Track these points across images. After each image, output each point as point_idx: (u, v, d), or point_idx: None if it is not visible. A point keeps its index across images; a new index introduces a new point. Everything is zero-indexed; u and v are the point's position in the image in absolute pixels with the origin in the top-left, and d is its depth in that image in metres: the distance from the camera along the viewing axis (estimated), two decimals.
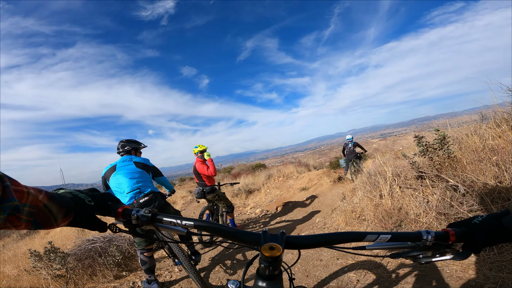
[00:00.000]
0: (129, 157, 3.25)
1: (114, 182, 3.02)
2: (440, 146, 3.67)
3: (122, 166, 3.11)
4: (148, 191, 3.01)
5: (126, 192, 2.92)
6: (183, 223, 0.78)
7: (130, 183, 2.97)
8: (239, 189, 10.69)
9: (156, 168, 3.43)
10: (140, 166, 3.19)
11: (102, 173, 3.19)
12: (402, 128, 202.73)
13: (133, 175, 3.04)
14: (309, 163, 15.85)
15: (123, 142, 3.41)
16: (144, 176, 3.14)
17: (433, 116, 73.37)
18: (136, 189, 2.96)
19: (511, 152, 2.62)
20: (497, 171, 2.50)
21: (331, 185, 8.25)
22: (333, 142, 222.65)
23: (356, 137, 77.60)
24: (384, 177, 4.52)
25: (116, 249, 4.24)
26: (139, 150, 3.57)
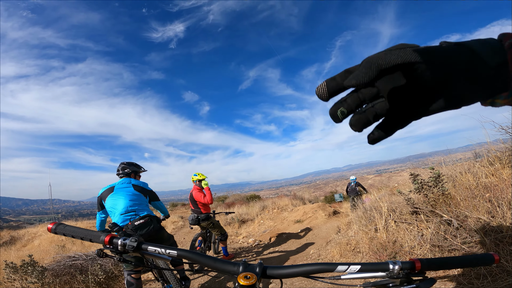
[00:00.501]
0: (128, 179, 3.29)
1: (110, 202, 3.04)
2: (434, 183, 3.78)
3: (121, 188, 3.14)
4: (144, 214, 3.03)
5: (121, 214, 2.94)
6: (167, 251, 0.84)
7: (126, 204, 2.99)
8: (232, 218, 10.57)
9: (154, 192, 3.47)
10: (138, 190, 3.22)
11: (99, 193, 3.20)
12: (398, 164, 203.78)
13: (130, 197, 3.06)
14: (304, 197, 15.77)
15: (123, 165, 3.46)
16: (141, 199, 3.17)
17: (428, 153, 74.34)
18: (131, 211, 2.98)
19: (504, 189, 2.68)
20: (489, 207, 2.54)
21: (326, 218, 8.11)
22: (328, 177, 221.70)
23: (352, 173, 78.05)
24: (380, 212, 4.57)
25: (100, 268, 4.04)
26: (139, 173, 3.61)
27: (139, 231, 2.91)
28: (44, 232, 11.99)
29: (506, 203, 2.38)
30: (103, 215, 3.27)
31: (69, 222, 13.90)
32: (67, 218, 21.92)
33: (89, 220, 14.83)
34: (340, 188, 52.16)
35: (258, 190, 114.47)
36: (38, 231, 12.60)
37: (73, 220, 14.80)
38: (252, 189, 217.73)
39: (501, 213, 2.30)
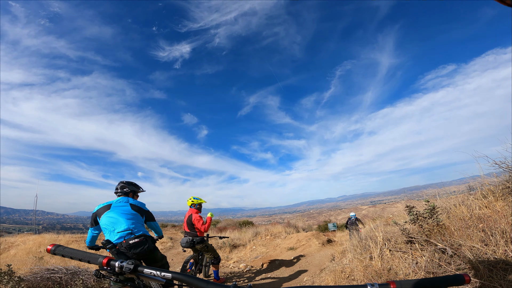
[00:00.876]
0: (126, 198, 3.32)
1: (106, 220, 3.03)
2: (429, 215, 3.87)
3: (118, 206, 3.16)
4: (140, 234, 3.01)
5: (117, 231, 2.92)
6: (162, 274, 0.90)
7: (123, 223, 2.98)
8: (224, 242, 10.35)
9: (151, 213, 3.49)
10: (135, 209, 3.23)
11: (95, 209, 3.20)
12: (392, 196, 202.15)
13: (127, 216, 3.07)
14: (298, 225, 15.55)
15: (123, 184, 3.50)
16: (137, 219, 3.17)
17: (423, 186, 74.74)
18: (128, 230, 2.96)
19: (498, 220, 2.72)
20: (483, 236, 2.56)
21: (320, 246, 7.91)
22: (322, 206, 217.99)
23: (346, 203, 76.89)
24: (375, 241, 4.58)
25: (82, 284, 3.84)
26: (137, 193, 3.65)
27: (133, 250, 2.87)
28: (22, 242, 11.49)
29: (499, 232, 2.40)
30: (95, 231, 3.27)
31: (50, 234, 13.50)
32: (48, 230, 21.07)
33: (72, 234, 14.31)
34: (334, 217, 51.23)
35: (251, 217, 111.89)
36: (16, 241, 12.03)
37: (54, 233, 14.30)
38: (244, 215, 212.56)
39: (494, 241, 2.31)
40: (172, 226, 19.96)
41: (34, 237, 12.97)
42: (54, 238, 12.77)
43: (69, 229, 40.97)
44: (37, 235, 13.82)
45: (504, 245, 2.19)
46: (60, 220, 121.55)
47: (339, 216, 55.73)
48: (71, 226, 60.71)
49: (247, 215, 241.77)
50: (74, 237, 13.23)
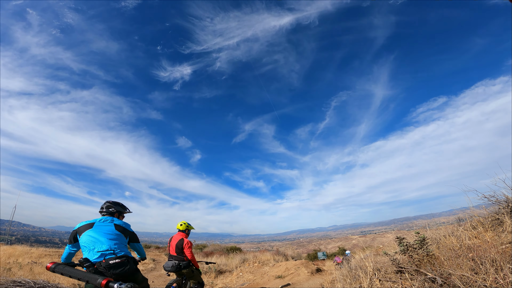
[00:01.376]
0: (111, 218, 3.25)
1: (86, 238, 2.94)
2: (419, 246, 3.88)
3: (101, 225, 3.08)
4: (122, 254, 2.92)
5: (98, 251, 2.82)
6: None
7: (104, 242, 2.90)
8: (209, 267, 9.95)
9: (135, 234, 3.42)
10: (120, 229, 3.16)
11: (76, 226, 3.11)
12: (382, 226, 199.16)
13: (110, 236, 2.99)
14: (287, 253, 15.12)
15: (109, 203, 3.45)
16: (120, 239, 3.09)
17: (413, 217, 74.57)
18: (109, 250, 2.87)
19: (487, 249, 2.71)
20: (473, 265, 2.53)
21: (309, 275, 7.61)
22: (312, 235, 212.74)
23: (336, 233, 75.21)
24: (365, 271, 4.54)
25: None
26: (123, 214, 3.59)
27: (113, 270, 2.75)
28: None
29: (489, 260, 2.38)
30: (73, 248, 3.15)
31: (22, 246, 12.93)
32: (20, 242, 20.01)
33: (46, 247, 13.63)
34: (324, 246, 49.84)
35: (240, 243, 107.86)
36: None
37: (27, 245, 13.59)
38: (233, 241, 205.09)
39: (484, 270, 2.28)
40: (156, 247, 19.13)
41: (5, 247, 12.35)
42: (26, 250, 12.26)
43: (44, 242, 38.65)
44: (9, 246, 13.17)
45: (494, 273, 2.16)
46: (36, 233, 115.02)
47: (329, 245, 54.35)
48: (47, 240, 57.40)
49: (235, 241, 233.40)
50: (47, 251, 12.61)
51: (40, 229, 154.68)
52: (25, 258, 10.65)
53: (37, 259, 10.87)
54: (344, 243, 13.13)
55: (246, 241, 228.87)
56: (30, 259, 10.62)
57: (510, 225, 3.44)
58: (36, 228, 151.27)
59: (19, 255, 11.08)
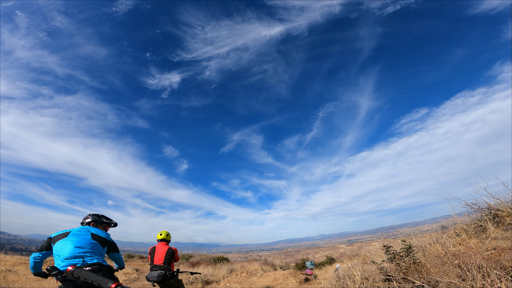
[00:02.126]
0: (87, 228, 3.19)
1: (59, 246, 2.87)
2: (406, 253, 3.92)
3: (76, 234, 3.01)
4: (93, 262, 2.81)
5: (65, 258, 2.72)
6: None
7: (73, 250, 2.81)
8: (196, 278, 9.74)
9: (115, 244, 3.37)
10: (97, 239, 3.08)
11: (52, 235, 3.05)
12: (369, 235, 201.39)
13: (81, 244, 2.90)
14: (275, 263, 14.92)
15: (89, 215, 3.46)
16: (96, 248, 3.00)
17: (398, 225, 75.97)
18: (78, 257, 2.77)
19: (472, 255, 2.74)
20: (459, 271, 2.54)
21: (297, 285, 7.52)
22: (300, 245, 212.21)
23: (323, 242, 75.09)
24: (353, 280, 4.53)
25: None
26: (103, 224, 3.52)
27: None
28: None
29: (476, 267, 2.40)
30: (40, 256, 3.04)
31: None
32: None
33: (21, 255, 13.02)
34: (312, 256, 49.62)
35: (227, 253, 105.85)
36: None
37: (1, 253, 12.87)
38: (220, 251, 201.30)
39: (471, 276, 2.29)
40: (140, 257, 18.47)
41: None
42: (0, 258, 11.63)
43: (19, 250, 36.59)
44: None
45: (482, 279, 2.17)
46: (12, 240, 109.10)
47: (317, 254, 54.20)
48: (22, 248, 54.44)
49: (222, 251, 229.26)
50: (23, 258, 12.08)
51: (16, 237, 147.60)
52: None
53: (11, 267, 10.41)
54: (332, 252, 13.20)
55: (233, 251, 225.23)
56: (4, 267, 10.22)
57: (493, 231, 3.52)
58: (11, 236, 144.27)
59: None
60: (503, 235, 3.35)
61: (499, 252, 2.60)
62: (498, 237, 3.32)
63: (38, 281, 8.00)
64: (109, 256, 3.41)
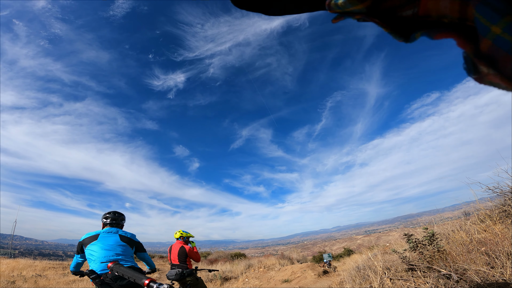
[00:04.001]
0: (115, 229, 3.21)
1: (92, 249, 2.92)
2: (429, 242, 3.82)
3: (106, 236, 3.05)
4: (128, 265, 2.85)
5: (101, 261, 2.77)
6: None
7: (108, 253, 2.86)
8: (214, 275, 9.86)
9: (141, 244, 3.38)
10: (125, 240, 3.12)
11: (81, 238, 3.09)
12: (386, 225, 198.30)
13: (113, 247, 2.95)
14: (292, 256, 14.94)
15: (113, 214, 3.43)
16: (126, 250, 3.05)
17: (416, 214, 74.19)
18: (114, 261, 2.78)
19: (499, 242, 2.66)
20: (487, 259, 2.47)
21: (316, 278, 7.50)
22: (316, 237, 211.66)
23: (340, 234, 74.07)
24: (374, 270, 4.46)
25: None
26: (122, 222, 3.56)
27: (119, 282, 2.69)
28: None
29: (504, 254, 2.33)
30: (81, 259, 3.15)
31: (26, 259, 12.89)
32: (24, 255, 19.94)
33: (49, 260, 13.53)
34: (329, 248, 49.43)
35: (243, 249, 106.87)
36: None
37: (31, 258, 13.46)
38: (236, 247, 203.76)
39: (500, 264, 2.23)
40: (160, 257, 18.92)
41: (8, 261, 12.23)
42: (29, 263, 12.14)
43: (47, 255, 38.25)
44: (12, 260, 13.07)
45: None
46: (39, 246, 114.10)
47: (333, 246, 53.95)
48: (50, 253, 56.86)
49: (239, 247, 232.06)
50: (51, 263, 12.49)
51: (43, 242, 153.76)
52: (29, 271, 10.58)
53: (41, 272, 10.79)
54: (349, 243, 13.05)
55: (250, 246, 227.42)
56: (34, 272, 10.57)
57: None
58: (39, 242, 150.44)
59: (22, 268, 11.01)
60: None
61: None
62: None
63: (68, 284, 8.36)
64: (138, 257, 3.44)
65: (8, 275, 8.48)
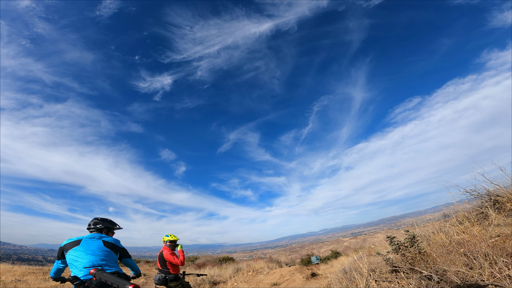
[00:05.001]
0: (99, 234, 3.16)
1: (73, 255, 2.85)
2: (410, 244, 3.96)
3: (88, 242, 2.99)
4: (112, 271, 2.81)
5: (85, 267, 2.71)
6: None
7: (91, 258, 2.80)
8: (203, 279, 9.79)
9: (126, 250, 3.33)
10: (109, 246, 3.07)
11: (63, 243, 3.02)
12: (372, 227, 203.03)
13: (96, 252, 2.90)
14: (280, 260, 15.00)
15: (96, 220, 3.37)
16: (110, 256, 3.00)
17: (400, 216, 76.08)
18: (98, 266, 2.75)
19: (477, 243, 2.79)
20: (466, 260, 2.59)
21: (304, 281, 7.56)
22: (304, 240, 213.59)
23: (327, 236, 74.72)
24: (360, 272, 4.55)
25: None
26: (112, 230, 3.49)
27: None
28: None
29: (482, 255, 2.45)
30: (62, 264, 3.08)
31: (4, 264, 12.33)
32: (2, 260, 19.00)
33: (29, 265, 13.01)
34: (316, 251, 49.98)
35: (232, 252, 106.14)
36: None
37: (9, 263, 12.88)
38: (225, 251, 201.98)
39: (479, 265, 2.34)
40: (146, 262, 18.52)
41: None
42: (8, 268, 11.72)
43: (26, 260, 36.59)
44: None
45: (489, 267, 2.22)
46: (17, 251, 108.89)
47: (321, 249, 54.56)
48: (29, 258, 54.37)
49: (227, 251, 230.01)
50: (31, 268, 12.05)
51: (22, 247, 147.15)
52: (8, 276, 10.20)
53: (21, 277, 10.41)
54: (336, 245, 13.30)
55: (238, 250, 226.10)
56: (14, 277, 10.20)
57: (495, 218, 3.58)
58: (17, 246, 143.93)
59: (2, 273, 10.63)
60: (505, 222, 3.41)
61: (504, 239, 2.66)
62: (501, 224, 3.38)
63: None
64: (122, 263, 3.38)
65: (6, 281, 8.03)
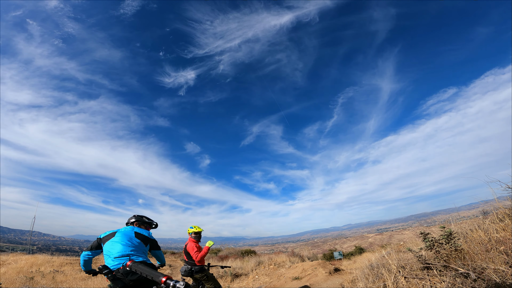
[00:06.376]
0: (131, 227, 3.43)
1: (108, 246, 3.09)
2: (446, 240, 3.73)
3: (122, 233, 3.24)
4: (140, 260, 2.99)
5: (114, 257, 2.92)
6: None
7: (122, 248, 3.01)
8: (225, 271, 9.98)
9: (156, 242, 3.56)
10: (140, 238, 3.30)
11: (101, 235, 3.30)
12: (399, 223, 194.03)
13: (127, 243, 3.11)
14: (302, 254, 14.92)
15: (133, 216, 3.72)
16: (140, 247, 3.20)
17: (431, 213, 71.68)
18: (126, 256, 2.96)
19: None
20: (506, 258, 2.41)
21: (327, 276, 7.45)
22: (327, 235, 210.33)
23: (351, 232, 72.70)
24: (388, 268, 4.40)
25: None
26: (145, 225, 3.75)
27: (130, 277, 2.79)
28: (13, 261, 11.22)
29: None
30: (89, 255, 3.32)
31: (44, 255, 13.31)
32: (42, 251, 20.82)
33: (66, 256, 14.01)
34: (339, 246, 49.05)
35: (253, 245, 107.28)
36: (7, 259, 11.89)
37: (48, 254, 13.99)
38: (247, 244, 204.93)
39: None
40: (172, 253, 19.33)
41: (27, 257, 12.72)
42: (47, 259, 12.56)
43: (64, 251, 39.81)
44: (30, 255, 13.58)
45: None
46: (56, 242, 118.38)
47: (344, 244, 53.47)
48: (67, 249, 59.05)
49: (249, 244, 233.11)
50: (68, 259, 12.93)
51: (60, 238, 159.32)
52: (47, 267, 10.90)
53: (59, 268, 11.12)
54: (360, 241, 12.88)
55: (260, 243, 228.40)
56: (52, 268, 10.88)
57: None
58: (56, 237, 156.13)
59: (41, 264, 11.37)
60: None
61: None
62: None
63: (84, 280, 8.62)
64: (151, 254, 3.62)
65: (27, 271, 8.80)
